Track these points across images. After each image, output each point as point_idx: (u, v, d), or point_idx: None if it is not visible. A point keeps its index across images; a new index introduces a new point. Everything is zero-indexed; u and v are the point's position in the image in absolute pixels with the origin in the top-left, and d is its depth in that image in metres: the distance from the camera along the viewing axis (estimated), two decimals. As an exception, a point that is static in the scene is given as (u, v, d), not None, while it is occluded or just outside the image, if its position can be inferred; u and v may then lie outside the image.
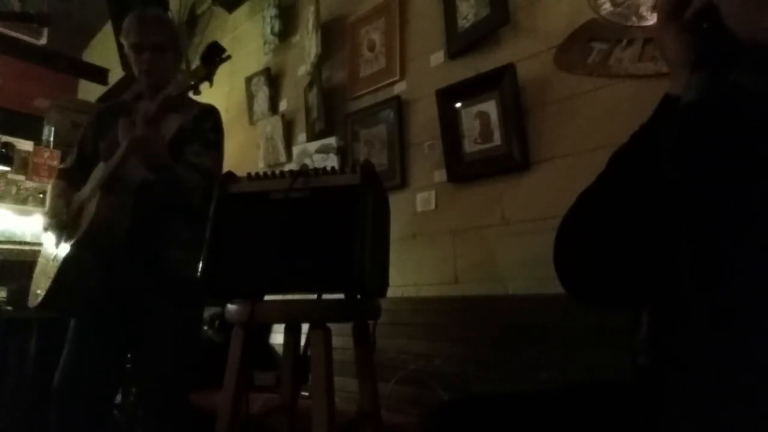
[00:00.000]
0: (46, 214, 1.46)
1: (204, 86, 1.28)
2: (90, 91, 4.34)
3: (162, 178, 1.33)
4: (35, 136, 3.29)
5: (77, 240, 1.30)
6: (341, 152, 2.18)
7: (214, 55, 1.23)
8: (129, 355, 1.49)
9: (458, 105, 1.76)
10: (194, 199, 1.36)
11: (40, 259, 1.49)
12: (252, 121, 2.72)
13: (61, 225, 1.40)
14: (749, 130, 0.50)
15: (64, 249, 1.33)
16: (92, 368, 1.35)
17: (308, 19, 2.39)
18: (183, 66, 2.65)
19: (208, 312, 1.99)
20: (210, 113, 1.54)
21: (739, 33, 0.50)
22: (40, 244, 2.98)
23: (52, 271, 1.34)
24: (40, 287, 1.38)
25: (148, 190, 1.35)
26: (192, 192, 1.36)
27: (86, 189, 1.42)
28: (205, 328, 1.99)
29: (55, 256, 1.36)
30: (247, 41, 2.88)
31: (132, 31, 1.46)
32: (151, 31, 1.45)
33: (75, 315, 1.43)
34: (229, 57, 1.25)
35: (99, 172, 1.39)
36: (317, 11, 2.32)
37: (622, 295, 0.63)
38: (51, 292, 1.31)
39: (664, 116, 0.58)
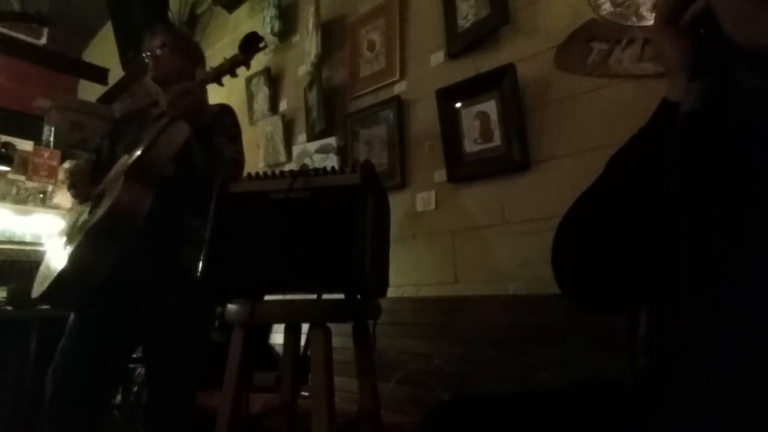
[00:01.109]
0: (70, 187, 1.49)
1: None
2: (90, 91, 4.33)
3: (201, 142, 1.34)
4: (35, 136, 3.28)
5: (95, 222, 1.28)
6: (341, 152, 2.18)
7: (252, 44, 1.35)
8: (131, 355, 1.49)
9: (458, 105, 1.76)
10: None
11: (41, 268, 1.47)
12: (252, 121, 2.72)
13: (85, 196, 1.44)
14: (748, 134, 0.50)
15: (74, 242, 1.31)
16: (91, 366, 1.32)
17: (308, 19, 2.39)
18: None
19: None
20: (228, 111, 1.61)
21: (737, 37, 0.49)
22: (40, 244, 2.99)
23: (53, 271, 1.32)
24: (39, 287, 1.37)
25: (170, 184, 1.37)
26: (220, 169, 1.29)
27: (110, 176, 1.41)
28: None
29: (50, 266, 1.35)
30: (247, 41, 2.88)
31: (146, 40, 1.59)
32: (159, 32, 1.60)
33: (78, 308, 1.40)
34: (266, 46, 1.41)
35: (121, 165, 1.39)
36: (317, 11, 2.32)
37: (620, 299, 0.63)
38: (55, 283, 1.28)
39: (663, 122, 0.58)
